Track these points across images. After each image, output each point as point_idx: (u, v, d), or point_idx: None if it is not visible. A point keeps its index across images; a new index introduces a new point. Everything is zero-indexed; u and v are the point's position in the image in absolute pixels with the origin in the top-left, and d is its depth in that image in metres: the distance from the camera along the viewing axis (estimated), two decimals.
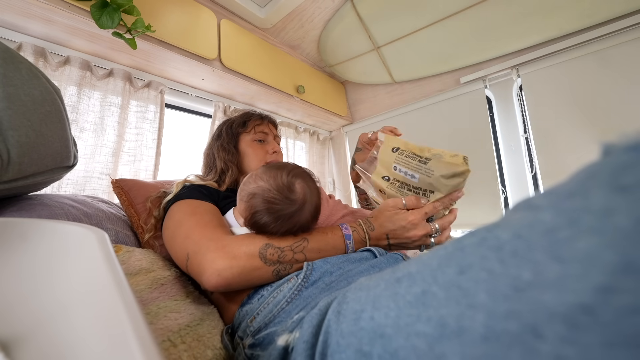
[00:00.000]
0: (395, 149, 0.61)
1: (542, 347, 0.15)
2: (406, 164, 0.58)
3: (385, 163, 0.62)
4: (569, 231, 0.16)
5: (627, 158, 0.16)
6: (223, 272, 0.44)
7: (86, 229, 0.26)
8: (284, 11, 1.26)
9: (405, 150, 0.60)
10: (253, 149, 0.79)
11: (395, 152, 0.60)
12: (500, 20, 1.16)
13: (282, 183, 0.50)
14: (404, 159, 0.59)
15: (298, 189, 0.50)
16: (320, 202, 0.54)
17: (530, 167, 1.20)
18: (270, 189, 0.49)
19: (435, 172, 0.54)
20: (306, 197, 0.50)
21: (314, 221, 0.53)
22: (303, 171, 0.54)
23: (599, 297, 0.14)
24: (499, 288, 0.18)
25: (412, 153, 0.58)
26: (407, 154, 0.59)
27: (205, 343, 0.43)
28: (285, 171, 0.51)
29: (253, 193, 0.50)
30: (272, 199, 0.49)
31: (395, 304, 0.24)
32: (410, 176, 0.57)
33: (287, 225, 0.49)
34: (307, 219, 0.51)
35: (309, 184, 0.52)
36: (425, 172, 0.55)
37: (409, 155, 0.58)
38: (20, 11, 0.74)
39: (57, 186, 0.83)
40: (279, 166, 0.53)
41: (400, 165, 0.59)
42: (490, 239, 0.20)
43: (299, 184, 0.51)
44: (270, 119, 0.86)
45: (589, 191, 0.17)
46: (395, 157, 0.60)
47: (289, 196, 0.49)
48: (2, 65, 0.42)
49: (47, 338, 0.19)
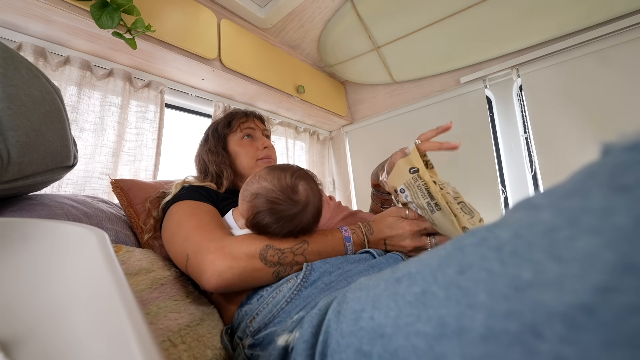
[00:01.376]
0: (414, 170, 0.52)
1: (542, 347, 0.15)
2: (414, 194, 0.51)
3: (397, 176, 0.55)
4: (568, 231, 0.16)
5: (627, 158, 0.16)
6: (224, 273, 0.44)
7: (86, 229, 0.26)
8: (284, 11, 1.26)
9: (421, 178, 0.51)
10: (242, 147, 0.77)
11: (412, 174, 0.52)
12: (500, 20, 1.16)
13: (286, 184, 0.50)
14: (415, 189, 0.51)
15: (301, 191, 0.50)
16: (322, 204, 0.54)
17: (530, 167, 1.20)
18: (273, 190, 0.49)
19: (438, 226, 0.50)
20: (309, 199, 0.50)
21: (315, 223, 0.54)
22: (306, 173, 0.54)
23: (599, 297, 0.14)
24: (499, 288, 0.18)
25: (426, 188, 0.50)
26: (420, 184, 0.51)
27: (205, 343, 0.43)
28: (289, 172, 0.52)
29: (256, 193, 0.50)
30: (275, 200, 0.49)
31: (395, 303, 0.24)
32: (412, 206, 0.53)
33: (289, 226, 0.49)
34: (309, 220, 0.51)
35: (311, 186, 0.52)
36: (428, 216, 0.51)
37: (421, 188, 0.50)
38: (20, 11, 0.74)
39: (57, 186, 0.83)
40: (283, 167, 0.53)
41: (408, 191, 0.52)
42: (490, 239, 0.20)
43: (302, 185, 0.51)
44: (256, 114, 0.84)
45: (588, 191, 0.17)
46: (407, 179, 0.52)
47: (292, 197, 0.49)
48: (2, 65, 0.42)
49: (47, 338, 0.19)
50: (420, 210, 0.52)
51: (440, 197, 0.49)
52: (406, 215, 0.56)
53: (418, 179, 0.51)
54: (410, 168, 0.53)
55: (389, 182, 0.58)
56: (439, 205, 0.49)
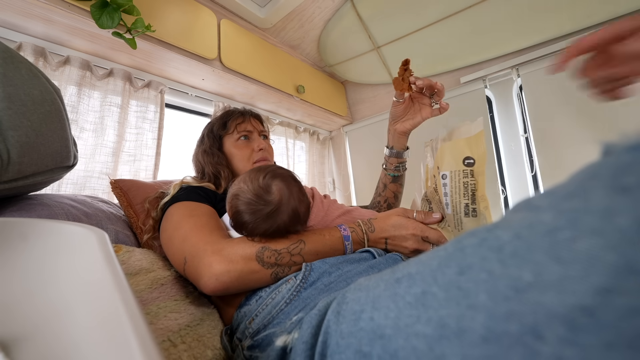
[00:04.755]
0: (469, 162, 0.47)
1: (543, 348, 0.15)
2: (455, 188, 0.47)
3: (447, 158, 0.49)
4: (569, 232, 0.16)
5: (628, 158, 0.16)
6: (221, 277, 0.44)
7: (86, 229, 0.26)
8: (284, 11, 1.26)
9: (473, 176, 0.46)
10: (238, 149, 0.76)
11: (466, 166, 0.46)
12: (500, 20, 1.16)
13: (259, 185, 0.50)
14: (459, 184, 0.47)
15: (274, 191, 0.50)
16: (303, 204, 0.52)
17: (530, 167, 1.20)
18: (248, 190, 0.50)
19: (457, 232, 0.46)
20: (283, 199, 0.49)
21: (295, 222, 0.51)
22: (283, 172, 0.53)
23: (599, 299, 0.14)
24: (499, 289, 0.18)
25: (473, 190, 0.45)
26: (469, 182, 0.46)
27: (205, 343, 0.43)
28: (264, 173, 0.51)
29: (235, 194, 0.51)
30: (249, 200, 0.49)
31: (395, 304, 0.24)
32: (446, 199, 0.49)
33: (264, 225, 0.49)
34: (285, 220, 0.49)
35: (288, 186, 0.51)
36: (456, 217, 0.46)
37: (467, 187, 0.46)
38: (20, 11, 0.74)
39: (57, 186, 0.83)
40: (261, 168, 0.53)
41: (449, 181, 0.47)
42: (491, 240, 0.20)
43: (276, 185, 0.50)
44: (253, 113, 0.82)
45: (589, 192, 0.17)
46: (457, 169, 0.48)
47: (265, 197, 0.49)
48: (2, 65, 0.42)
49: (47, 338, 0.19)
50: (451, 207, 0.46)
51: (484, 206, 0.43)
52: (413, 216, 0.56)
53: (469, 175, 0.45)
54: (465, 158, 0.45)
55: (434, 160, 0.51)
56: (476, 212, 0.43)
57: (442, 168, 0.48)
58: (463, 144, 0.47)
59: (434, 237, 0.53)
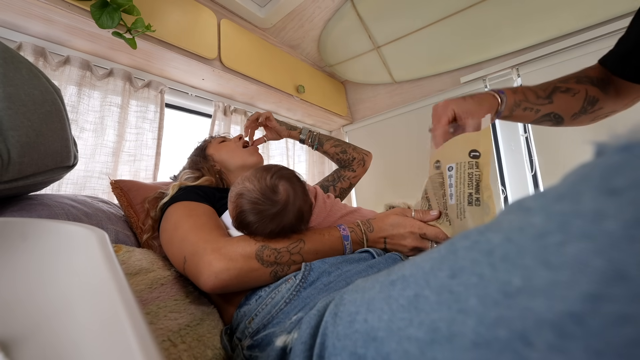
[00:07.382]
0: (475, 154, 0.47)
1: (532, 355, 0.15)
2: (460, 178, 0.47)
3: (452, 152, 0.49)
4: (559, 236, 0.16)
5: (618, 159, 0.16)
6: (220, 275, 0.44)
7: (86, 229, 0.26)
8: (284, 11, 1.26)
9: (478, 168, 0.46)
10: (222, 146, 0.83)
11: (472, 158, 0.47)
12: (500, 20, 1.16)
13: (266, 184, 0.50)
14: (464, 175, 0.46)
15: (281, 191, 0.50)
16: (306, 204, 0.53)
17: (530, 167, 1.20)
18: (254, 190, 0.50)
19: (460, 222, 0.46)
20: (289, 199, 0.50)
21: (301, 222, 0.52)
22: (289, 173, 0.54)
23: (588, 306, 0.14)
24: (489, 293, 0.17)
25: (477, 181, 0.46)
26: (474, 172, 0.46)
27: (205, 343, 0.43)
28: (271, 173, 0.52)
29: (240, 193, 0.51)
30: (255, 200, 0.49)
31: (389, 307, 0.24)
32: (451, 190, 0.48)
33: (271, 225, 0.49)
34: (291, 220, 0.50)
35: (294, 186, 0.52)
36: (459, 207, 0.46)
37: (472, 177, 0.46)
38: (20, 11, 0.74)
39: (57, 186, 0.83)
40: (266, 168, 0.54)
41: (455, 173, 0.48)
42: (482, 242, 0.20)
43: (283, 185, 0.51)
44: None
45: (579, 194, 0.16)
46: (462, 161, 0.48)
47: (272, 197, 0.49)
48: (2, 65, 0.42)
49: (47, 338, 0.19)
50: (455, 197, 0.47)
51: (487, 195, 0.45)
52: (411, 215, 0.56)
53: (474, 166, 0.46)
54: (472, 151, 0.46)
55: (438, 154, 0.52)
56: (480, 201, 0.45)
57: (449, 160, 0.49)
58: (470, 138, 0.48)
59: (431, 233, 0.53)
